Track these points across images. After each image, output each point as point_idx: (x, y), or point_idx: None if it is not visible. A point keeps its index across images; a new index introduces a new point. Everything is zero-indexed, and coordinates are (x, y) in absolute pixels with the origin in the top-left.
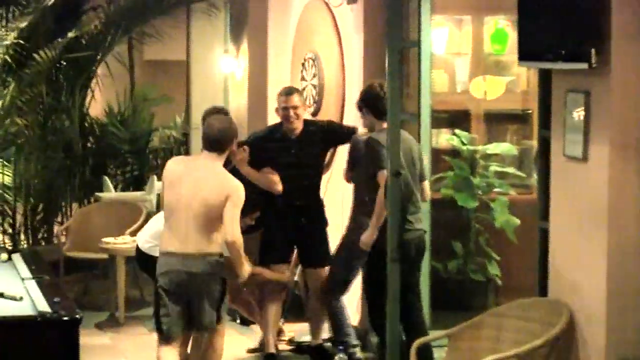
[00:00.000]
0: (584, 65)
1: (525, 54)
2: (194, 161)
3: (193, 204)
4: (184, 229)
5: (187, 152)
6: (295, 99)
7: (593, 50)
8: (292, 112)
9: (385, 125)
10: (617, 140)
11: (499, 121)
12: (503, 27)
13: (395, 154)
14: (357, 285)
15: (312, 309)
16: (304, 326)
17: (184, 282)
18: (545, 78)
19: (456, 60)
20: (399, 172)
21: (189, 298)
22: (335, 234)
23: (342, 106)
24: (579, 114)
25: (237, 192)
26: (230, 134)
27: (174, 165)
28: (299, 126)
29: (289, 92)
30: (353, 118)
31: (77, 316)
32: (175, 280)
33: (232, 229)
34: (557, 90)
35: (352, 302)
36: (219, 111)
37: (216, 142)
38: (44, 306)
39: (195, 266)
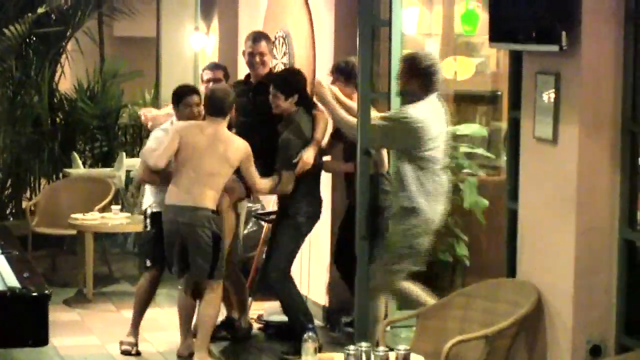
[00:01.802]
0: (555, 47)
1: (496, 35)
2: (205, 126)
3: (202, 164)
4: (187, 185)
5: None
6: (263, 45)
7: (564, 33)
8: (257, 58)
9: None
10: (587, 122)
11: (468, 102)
12: (473, 7)
13: (365, 132)
14: (323, 266)
15: None
16: (273, 304)
17: (173, 230)
18: (515, 59)
19: (427, 40)
20: (368, 151)
21: (180, 247)
22: None
23: (313, 83)
24: (549, 95)
25: (247, 150)
26: (231, 100)
27: (188, 128)
28: (263, 73)
29: (256, 37)
30: None
31: (46, 292)
32: (168, 227)
33: (256, 181)
34: (528, 71)
35: (320, 283)
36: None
37: (221, 108)
38: (13, 281)
39: (186, 216)
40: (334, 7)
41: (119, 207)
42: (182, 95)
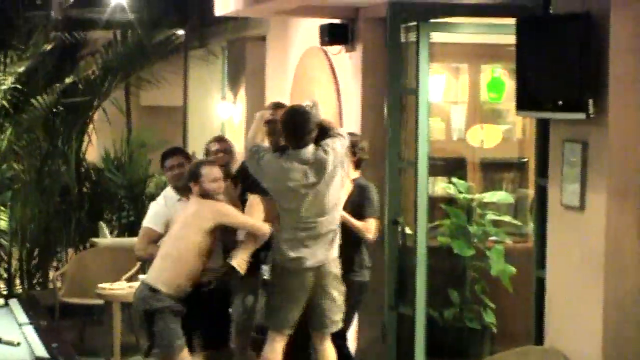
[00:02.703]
0: (582, 116)
1: (523, 104)
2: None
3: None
4: None
5: None
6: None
7: (591, 101)
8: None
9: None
10: (614, 189)
11: (495, 169)
12: (499, 75)
13: (394, 202)
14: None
15: None
16: None
17: None
18: (542, 127)
19: (453, 108)
20: (396, 220)
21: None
22: None
23: None
24: (576, 163)
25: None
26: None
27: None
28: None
29: (277, 105)
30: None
31: None
32: None
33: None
34: (555, 139)
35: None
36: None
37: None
38: (41, 352)
39: None
40: (360, 76)
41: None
42: (163, 158)
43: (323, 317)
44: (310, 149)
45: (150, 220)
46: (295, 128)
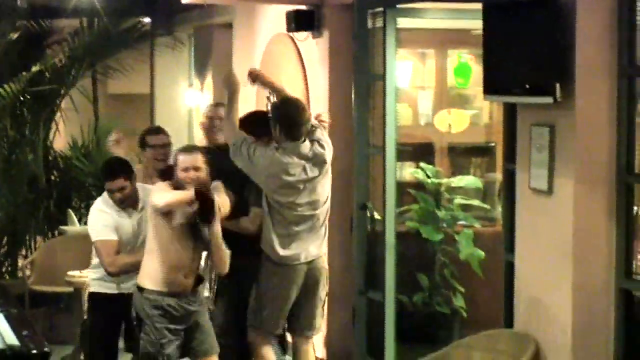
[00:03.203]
0: (549, 100)
1: (491, 88)
2: None
3: None
4: None
5: None
6: (220, 112)
7: (558, 85)
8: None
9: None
10: (581, 173)
11: (463, 154)
12: (466, 60)
13: (362, 187)
14: None
15: None
16: None
17: None
18: (510, 111)
19: (420, 93)
20: (365, 205)
21: None
22: None
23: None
24: (544, 147)
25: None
26: None
27: None
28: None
29: (217, 104)
30: None
31: (46, 350)
32: None
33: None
34: (522, 123)
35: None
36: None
37: None
38: (12, 340)
39: None
40: (327, 62)
41: None
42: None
43: (312, 319)
44: (307, 143)
45: (102, 231)
46: (290, 119)
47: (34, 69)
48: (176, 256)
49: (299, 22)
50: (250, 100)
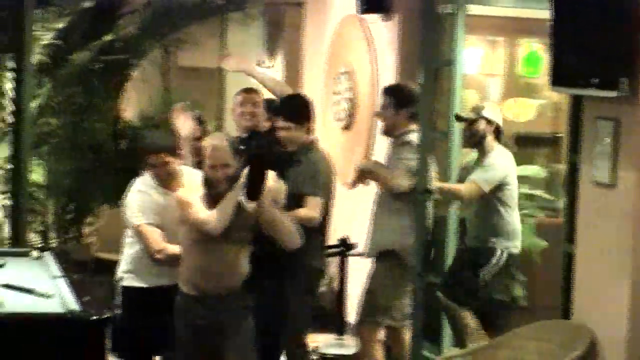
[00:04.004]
0: (614, 93)
1: (557, 79)
2: None
3: None
4: None
5: None
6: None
7: (624, 79)
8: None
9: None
10: None
11: (529, 143)
12: (536, 50)
13: (424, 171)
14: None
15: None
16: (329, 337)
17: None
18: (575, 104)
19: (488, 80)
20: (428, 189)
21: None
22: None
23: (374, 122)
24: (608, 140)
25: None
26: None
27: None
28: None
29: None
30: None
31: (106, 315)
32: None
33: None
34: (588, 116)
35: None
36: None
37: None
38: (73, 304)
39: None
40: (396, 45)
41: None
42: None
43: None
44: None
45: (145, 215)
46: None
47: (105, 38)
48: (200, 258)
49: (369, 4)
50: (319, 80)
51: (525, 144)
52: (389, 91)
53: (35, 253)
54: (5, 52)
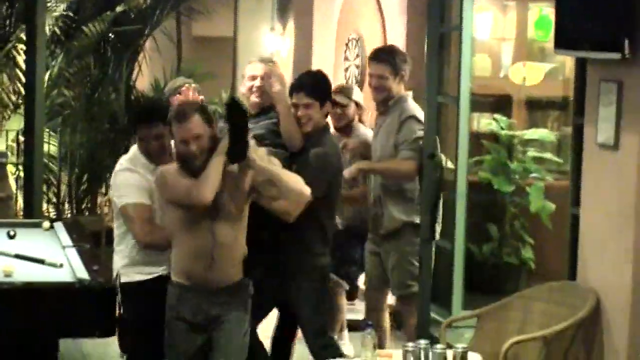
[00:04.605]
0: (617, 55)
1: (561, 42)
2: None
3: None
4: None
5: None
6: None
7: (627, 41)
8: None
9: None
10: None
11: (540, 107)
12: (547, 13)
13: (431, 136)
14: None
15: None
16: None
17: None
18: (581, 67)
19: (500, 45)
20: (433, 154)
21: None
22: None
23: None
24: (611, 103)
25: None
26: None
27: None
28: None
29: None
30: None
31: (114, 284)
32: None
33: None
34: (591, 79)
35: None
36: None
37: None
38: (82, 273)
39: None
40: (406, 11)
41: None
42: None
43: None
44: None
45: (133, 193)
46: None
47: (118, 8)
48: (191, 240)
49: None
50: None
51: (536, 108)
52: (384, 56)
53: (46, 224)
54: (18, 24)
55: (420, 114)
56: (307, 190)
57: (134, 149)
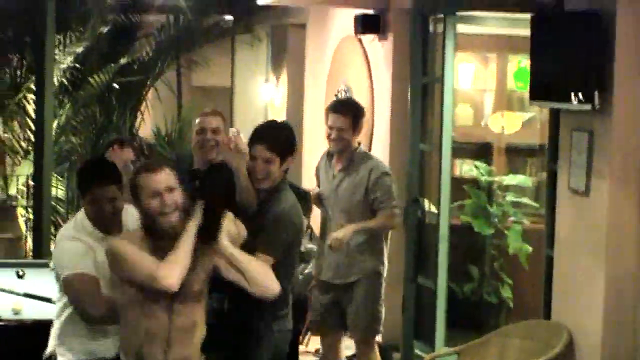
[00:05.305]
0: (588, 107)
1: (536, 94)
2: None
3: None
4: None
5: None
6: (218, 120)
7: (596, 93)
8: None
9: None
10: (616, 176)
11: (518, 154)
12: (526, 65)
13: (414, 182)
14: None
15: None
16: None
17: None
18: (555, 116)
19: (481, 95)
20: (416, 198)
21: None
22: None
23: (371, 135)
24: (583, 151)
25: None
26: None
27: None
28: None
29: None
30: (381, 147)
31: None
32: None
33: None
34: (564, 128)
35: None
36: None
37: None
38: None
39: None
40: (391, 63)
41: None
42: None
43: None
44: None
45: (78, 263)
46: None
47: (122, 60)
48: (145, 322)
49: (365, 25)
50: (320, 96)
51: (515, 154)
52: (344, 109)
53: (52, 264)
54: (28, 75)
55: (387, 167)
56: (274, 287)
57: (79, 215)
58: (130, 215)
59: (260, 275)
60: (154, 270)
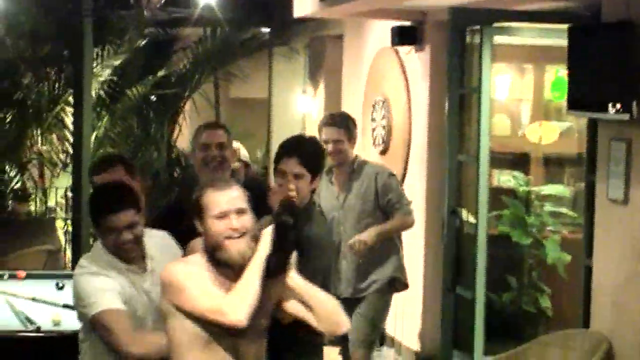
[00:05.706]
0: (626, 116)
1: (574, 104)
2: None
3: None
4: None
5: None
6: (221, 134)
7: (634, 102)
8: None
9: None
10: None
11: (556, 163)
12: (563, 75)
13: (452, 192)
14: (416, 312)
15: None
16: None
17: None
18: (593, 126)
19: (519, 105)
20: (454, 209)
21: None
22: None
23: (408, 147)
24: (621, 160)
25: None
26: None
27: None
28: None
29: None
30: (418, 159)
31: None
32: None
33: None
34: (602, 138)
35: (413, 328)
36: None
37: None
38: None
39: None
40: (428, 75)
41: None
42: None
43: None
44: None
45: (106, 299)
46: None
47: (160, 73)
48: None
49: (402, 36)
50: (358, 108)
51: (553, 164)
52: (337, 121)
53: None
54: (67, 88)
55: (390, 169)
56: (346, 323)
57: (96, 246)
58: (152, 240)
59: (331, 311)
60: (221, 303)
